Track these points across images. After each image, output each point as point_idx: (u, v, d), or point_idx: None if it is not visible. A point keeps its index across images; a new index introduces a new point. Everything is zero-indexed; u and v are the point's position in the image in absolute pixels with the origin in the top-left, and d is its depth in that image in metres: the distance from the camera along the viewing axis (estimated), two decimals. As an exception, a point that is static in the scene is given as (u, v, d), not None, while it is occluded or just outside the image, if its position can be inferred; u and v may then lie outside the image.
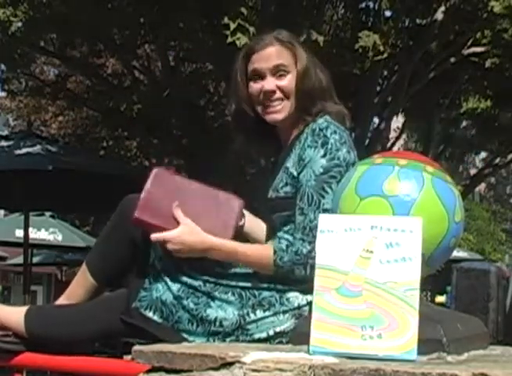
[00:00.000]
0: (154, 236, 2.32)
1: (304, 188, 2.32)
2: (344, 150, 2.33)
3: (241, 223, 2.50)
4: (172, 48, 11.54)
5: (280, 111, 2.44)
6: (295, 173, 2.37)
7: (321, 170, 2.31)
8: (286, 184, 2.39)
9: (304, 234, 2.29)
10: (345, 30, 11.08)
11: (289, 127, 2.49)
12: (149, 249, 2.40)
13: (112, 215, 2.54)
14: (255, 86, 2.45)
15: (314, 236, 1.86)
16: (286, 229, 2.40)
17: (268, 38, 2.46)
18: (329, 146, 2.32)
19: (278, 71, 2.43)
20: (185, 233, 2.31)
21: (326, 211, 2.25)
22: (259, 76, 2.45)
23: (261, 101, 2.45)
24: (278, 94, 2.42)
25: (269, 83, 2.42)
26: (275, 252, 2.29)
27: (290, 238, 2.34)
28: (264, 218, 2.56)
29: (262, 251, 2.33)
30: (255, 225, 2.57)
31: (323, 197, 2.30)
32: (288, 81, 2.42)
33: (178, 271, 2.35)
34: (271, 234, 2.46)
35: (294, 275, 2.28)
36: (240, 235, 2.50)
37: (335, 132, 2.34)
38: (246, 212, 2.54)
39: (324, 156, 2.32)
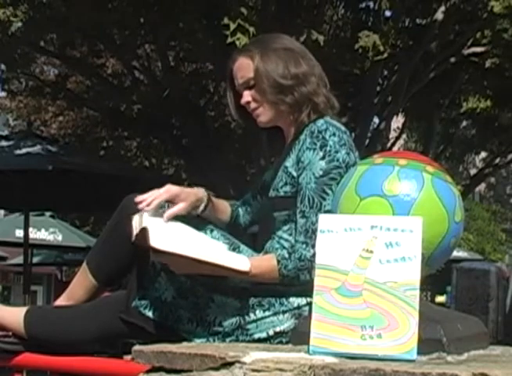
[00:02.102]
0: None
1: (305, 191, 2.33)
2: (343, 152, 2.34)
3: (197, 212, 2.47)
4: (172, 48, 11.54)
5: (260, 115, 2.48)
6: (294, 174, 2.38)
7: (320, 172, 2.32)
8: (286, 183, 2.40)
9: (306, 237, 2.29)
10: (345, 30, 11.08)
11: (285, 126, 2.51)
12: (149, 249, 2.40)
13: (112, 215, 2.54)
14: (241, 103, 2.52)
15: (316, 239, 1.86)
16: (285, 228, 2.40)
17: (236, 54, 2.55)
18: (328, 149, 2.33)
19: (246, 83, 2.48)
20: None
21: (326, 213, 2.25)
22: (240, 93, 2.51)
23: (250, 112, 2.52)
24: (253, 104, 2.48)
25: (244, 97, 2.49)
26: (278, 262, 2.29)
27: (290, 238, 2.35)
28: (265, 216, 2.56)
29: (265, 263, 2.30)
30: (217, 208, 2.55)
31: (324, 199, 2.30)
32: (254, 89, 2.48)
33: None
34: (271, 233, 2.46)
35: (299, 281, 2.27)
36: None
37: (334, 134, 2.35)
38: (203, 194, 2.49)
39: (323, 158, 2.32)
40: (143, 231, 2.20)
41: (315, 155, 2.33)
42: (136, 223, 2.30)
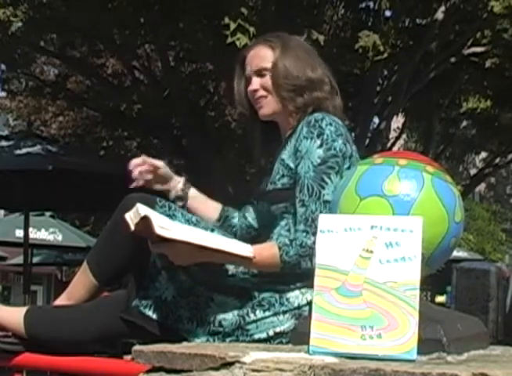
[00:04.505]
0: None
1: (303, 180, 2.32)
2: (340, 141, 2.35)
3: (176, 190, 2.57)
4: (172, 48, 11.54)
5: (265, 106, 2.50)
6: (292, 165, 2.38)
7: (318, 160, 2.32)
8: (283, 176, 2.40)
9: (306, 226, 2.28)
10: (345, 30, 11.08)
11: (285, 123, 2.52)
12: (149, 248, 2.39)
13: (112, 215, 2.53)
14: (248, 90, 2.53)
15: (316, 227, 1.86)
16: (283, 223, 2.40)
17: (255, 42, 2.60)
18: (325, 137, 2.33)
19: (259, 71, 2.50)
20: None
21: (326, 202, 2.26)
22: (250, 80, 2.53)
23: (253, 101, 2.53)
24: (261, 92, 2.49)
25: (253, 84, 2.51)
26: (279, 248, 2.28)
27: (288, 234, 2.35)
28: (260, 212, 2.57)
29: (267, 250, 2.30)
30: (202, 205, 2.62)
31: (323, 187, 2.30)
32: (266, 79, 2.49)
33: (179, 270, 2.34)
34: (269, 228, 2.46)
35: (300, 268, 2.26)
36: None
37: (330, 124, 2.36)
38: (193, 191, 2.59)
39: (320, 146, 2.33)
40: (145, 220, 2.19)
41: (312, 143, 2.33)
42: (131, 215, 2.29)
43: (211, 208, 2.65)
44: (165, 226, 2.19)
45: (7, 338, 2.49)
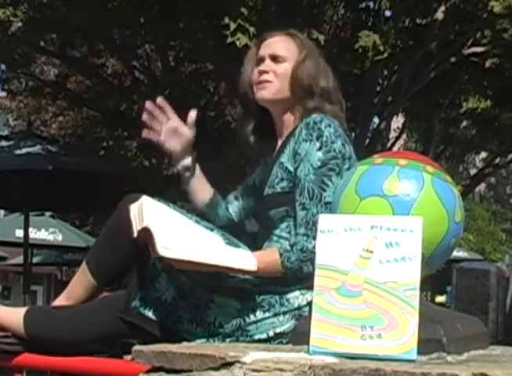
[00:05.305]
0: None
1: (304, 183, 2.32)
2: (339, 143, 2.34)
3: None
4: (172, 48, 11.54)
5: (266, 88, 2.47)
6: (291, 168, 2.37)
7: (318, 163, 2.31)
8: (282, 179, 2.39)
9: (307, 229, 2.27)
10: (345, 30, 11.08)
11: (281, 116, 2.50)
12: (149, 249, 2.39)
13: (112, 215, 2.53)
14: (255, 70, 2.51)
15: (317, 231, 1.86)
16: (283, 226, 2.40)
17: (279, 32, 2.56)
18: (325, 139, 2.32)
19: (276, 58, 2.49)
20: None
21: (327, 204, 2.25)
22: (261, 61, 2.51)
23: (255, 81, 2.50)
24: (270, 75, 2.48)
25: (265, 65, 2.49)
26: (281, 255, 2.27)
27: (289, 236, 2.34)
28: (262, 217, 2.56)
29: (268, 257, 2.29)
30: (200, 188, 2.66)
31: (324, 190, 2.29)
32: (283, 68, 2.48)
33: (178, 271, 2.34)
34: (267, 233, 2.45)
35: (302, 273, 2.26)
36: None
37: (329, 126, 2.35)
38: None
39: (320, 149, 2.32)
40: (147, 233, 2.19)
41: (311, 146, 2.32)
42: (136, 216, 2.28)
43: (207, 193, 2.68)
44: (167, 246, 2.18)
45: (7, 338, 2.49)
